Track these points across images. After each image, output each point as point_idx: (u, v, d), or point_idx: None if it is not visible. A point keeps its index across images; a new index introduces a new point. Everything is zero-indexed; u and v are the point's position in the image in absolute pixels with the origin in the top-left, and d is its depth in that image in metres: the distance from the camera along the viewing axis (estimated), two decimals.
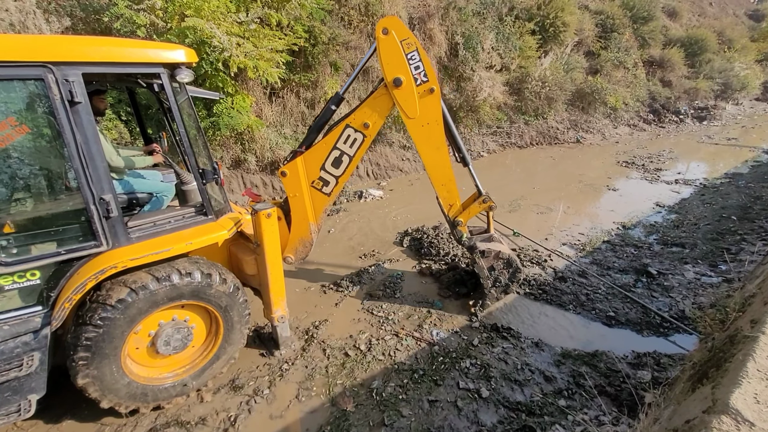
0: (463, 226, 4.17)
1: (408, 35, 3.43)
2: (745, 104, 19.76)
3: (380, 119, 3.67)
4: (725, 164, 10.75)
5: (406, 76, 3.48)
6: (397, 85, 3.49)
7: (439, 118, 3.75)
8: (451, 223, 4.21)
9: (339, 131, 3.62)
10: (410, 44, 3.43)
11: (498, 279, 4.22)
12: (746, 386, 1.67)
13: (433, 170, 3.99)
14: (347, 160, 3.66)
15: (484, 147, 11.22)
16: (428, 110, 3.66)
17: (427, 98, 3.61)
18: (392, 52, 3.42)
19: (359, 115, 3.62)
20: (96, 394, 2.64)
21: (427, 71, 3.52)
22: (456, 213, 4.16)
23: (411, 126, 3.75)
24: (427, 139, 3.80)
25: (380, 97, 3.60)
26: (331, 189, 3.72)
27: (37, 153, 2.50)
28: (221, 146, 7.07)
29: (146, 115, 5.74)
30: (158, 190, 3.42)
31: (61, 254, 2.47)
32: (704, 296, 4.48)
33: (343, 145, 3.62)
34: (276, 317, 3.49)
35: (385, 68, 3.46)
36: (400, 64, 3.46)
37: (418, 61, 3.47)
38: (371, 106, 3.62)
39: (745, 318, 2.45)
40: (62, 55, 2.23)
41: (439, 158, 3.92)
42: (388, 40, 3.39)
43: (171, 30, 5.64)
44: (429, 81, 3.55)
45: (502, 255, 4.16)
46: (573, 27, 13.10)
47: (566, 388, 3.27)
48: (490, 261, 4.16)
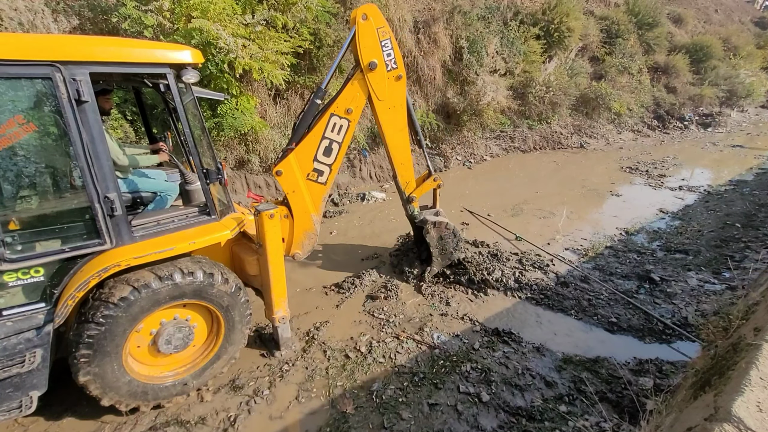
0: (416, 202, 4.78)
1: (383, 24, 3.71)
2: (750, 111, 19.66)
3: (361, 103, 3.91)
4: (730, 171, 10.69)
5: (380, 61, 3.78)
6: (371, 69, 3.77)
7: (404, 103, 4.14)
8: (405, 199, 4.75)
9: (325, 121, 3.77)
10: (385, 32, 3.73)
11: (444, 248, 4.76)
12: (749, 394, 1.66)
13: (395, 150, 4.41)
14: (337, 147, 3.84)
15: (488, 151, 11.22)
16: (395, 95, 4.03)
17: (395, 84, 3.97)
18: (369, 36, 3.70)
19: (341, 102, 3.80)
20: (97, 392, 2.66)
21: (397, 59, 3.87)
22: (411, 190, 4.71)
23: (379, 108, 4.05)
24: (392, 121, 4.19)
25: (357, 81, 3.83)
26: (326, 178, 3.88)
27: (43, 151, 2.52)
28: (225, 147, 7.10)
29: (152, 115, 5.78)
30: (162, 189, 3.44)
31: (65, 252, 2.49)
32: (707, 303, 4.45)
33: (331, 133, 3.79)
34: (277, 318, 3.49)
35: (363, 51, 3.72)
36: (375, 49, 3.74)
37: (390, 48, 3.80)
38: (350, 91, 3.83)
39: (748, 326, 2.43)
40: (70, 55, 2.26)
41: (400, 139, 4.34)
42: (366, 26, 3.65)
43: (178, 31, 5.68)
44: (398, 68, 3.91)
45: (449, 226, 4.71)
46: (578, 32, 13.10)
47: (567, 393, 3.26)
48: (440, 231, 4.69)
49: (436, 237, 4.66)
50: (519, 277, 4.93)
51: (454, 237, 4.73)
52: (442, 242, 4.71)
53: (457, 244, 4.77)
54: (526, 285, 4.80)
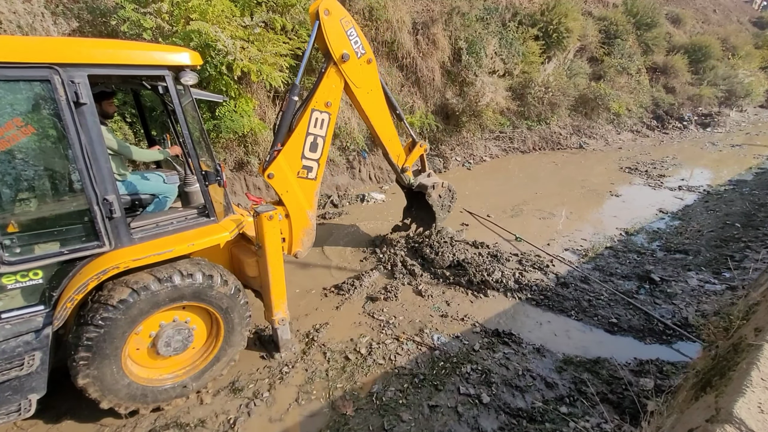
0: (409, 171, 5.16)
1: (345, 14, 3.80)
2: (749, 111, 19.67)
3: (338, 94, 4.01)
4: (729, 171, 10.70)
5: (350, 51, 3.88)
6: (345, 60, 3.87)
7: (379, 85, 4.32)
8: (399, 170, 5.11)
9: (308, 117, 3.82)
10: (348, 22, 3.82)
11: (444, 204, 5.34)
12: (750, 395, 1.66)
13: (380, 129, 4.63)
14: (321, 142, 3.92)
15: (487, 152, 11.22)
16: (369, 78, 4.17)
17: (368, 67, 4.11)
18: (335, 30, 3.78)
19: (319, 96, 3.86)
20: (96, 395, 2.65)
21: (364, 44, 4.00)
22: (403, 161, 5.06)
23: (358, 94, 4.21)
24: (372, 104, 4.38)
25: (331, 75, 3.91)
26: (315, 173, 3.95)
27: (42, 154, 2.52)
28: (224, 148, 7.09)
29: (150, 117, 5.78)
30: (161, 191, 3.44)
31: (64, 254, 2.48)
32: (708, 304, 4.45)
33: (314, 128, 3.85)
34: (277, 320, 3.49)
35: (333, 45, 3.79)
36: (343, 41, 3.84)
37: (356, 36, 3.90)
38: (326, 85, 3.89)
39: (749, 326, 2.43)
40: (68, 57, 2.25)
41: (383, 118, 4.58)
42: (331, 20, 3.72)
43: (176, 33, 5.69)
44: (366, 53, 4.03)
45: (444, 184, 5.27)
46: (576, 33, 13.10)
47: (568, 394, 3.25)
48: (438, 191, 5.22)
49: (436, 196, 5.19)
50: (519, 278, 4.92)
51: (449, 191, 5.38)
52: (441, 200, 5.29)
53: (452, 197, 5.44)
54: (526, 286, 4.79)
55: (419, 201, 5.38)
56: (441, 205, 5.33)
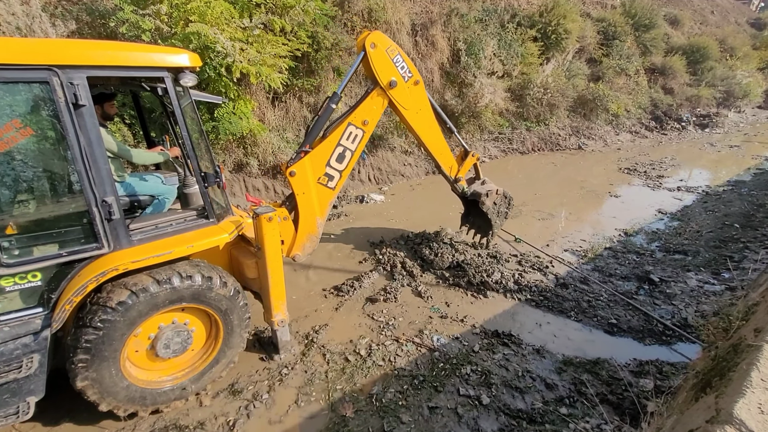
0: (463, 181, 5.23)
1: (390, 44, 4.03)
2: (747, 112, 19.73)
3: (377, 116, 4.20)
4: (728, 172, 10.72)
5: (397, 77, 4.10)
6: (392, 86, 4.08)
7: (428, 103, 4.49)
8: (452, 181, 5.17)
9: (342, 129, 3.95)
10: (393, 50, 4.05)
11: (500, 210, 5.31)
12: (750, 396, 1.66)
13: (432, 145, 4.79)
14: (349, 155, 4.01)
15: (486, 153, 11.23)
16: (418, 99, 4.38)
17: (415, 89, 4.31)
18: (382, 61, 4.01)
19: (359, 113, 4.03)
20: (95, 397, 2.64)
21: (410, 67, 4.20)
22: (455, 172, 5.13)
23: (408, 115, 4.40)
24: (422, 123, 4.55)
25: (376, 97, 4.11)
26: (335, 183, 4.01)
27: (41, 155, 2.51)
28: (224, 150, 7.09)
29: (150, 118, 5.78)
30: (160, 192, 3.43)
31: (63, 256, 2.48)
32: (707, 304, 4.45)
33: (346, 141, 3.98)
34: (276, 321, 3.48)
35: (380, 74, 4.02)
36: (390, 69, 4.06)
37: (402, 62, 4.12)
38: (368, 105, 4.09)
39: (748, 326, 2.43)
40: (67, 59, 2.25)
41: (434, 134, 4.75)
42: (377, 52, 3.96)
43: (175, 35, 5.69)
44: (413, 75, 4.24)
45: (499, 191, 5.22)
46: (575, 34, 13.14)
47: (567, 395, 3.25)
48: (493, 198, 5.18)
49: (490, 204, 5.16)
50: (518, 279, 4.92)
51: (505, 198, 5.32)
52: (496, 207, 5.26)
53: (509, 203, 5.38)
54: (526, 287, 4.79)
55: (476, 209, 5.29)
56: (497, 212, 5.29)
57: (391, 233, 6.30)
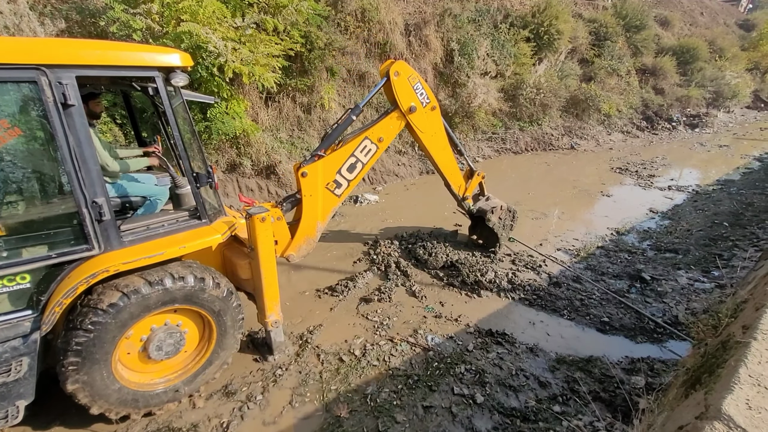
0: (470, 199, 5.52)
1: (412, 72, 4.36)
2: (736, 112, 20.02)
3: (392, 136, 4.50)
4: (717, 171, 10.87)
5: (417, 103, 4.43)
6: (412, 111, 4.41)
7: (442, 128, 4.83)
8: (460, 199, 5.46)
9: (359, 141, 4.16)
10: (414, 78, 4.38)
11: (505, 225, 5.59)
12: (738, 392, 1.68)
13: (444, 166, 5.10)
14: (360, 167, 4.20)
15: (480, 153, 11.27)
16: (433, 123, 4.71)
17: (431, 114, 4.64)
18: (404, 88, 4.35)
19: (376, 130, 4.29)
20: (86, 400, 2.61)
21: (428, 94, 4.55)
22: (463, 191, 5.43)
23: (424, 138, 4.73)
24: (436, 145, 4.87)
25: (395, 119, 4.42)
26: (342, 191, 4.15)
27: (30, 156, 2.48)
28: (217, 150, 7.05)
29: (141, 118, 5.72)
30: (152, 193, 3.40)
31: (52, 258, 2.44)
32: (697, 302, 4.51)
33: (360, 153, 4.18)
34: (270, 322, 3.46)
35: (402, 100, 4.35)
36: (410, 96, 4.39)
37: (421, 89, 4.46)
38: (387, 124, 4.38)
39: (737, 324, 2.46)
40: (56, 58, 2.22)
41: (446, 156, 5.05)
42: (400, 80, 4.30)
43: (167, 34, 5.64)
44: (431, 101, 4.59)
45: (503, 207, 5.53)
46: (567, 35, 13.25)
47: (561, 393, 3.27)
48: (498, 213, 5.46)
49: (495, 219, 5.42)
50: (512, 278, 4.95)
51: (509, 212, 5.63)
52: (501, 221, 5.54)
53: (513, 216, 5.69)
54: (519, 286, 4.82)
55: (482, 223, 5.51)
56: (502, 226, 5.54)
57: (386, 233, 6.31)
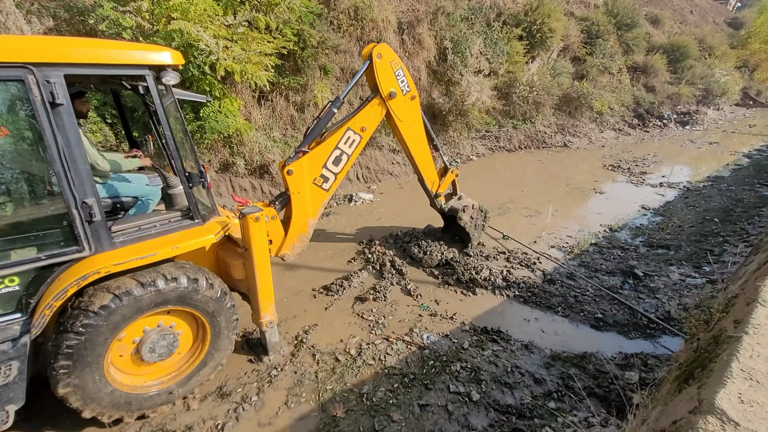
0: (442, 197, 5.42)
1: (394, 57, 4.25)
2: (725, 109, 20.28)
3: (375, 124, 4.38)
4: (707, 168, 11.00)
5: (397, 89, 4.31)
6: (392, 97, 4.30)
7: (420, 119, 4.72)
8: (433, 196, 5.34)
9: (341, 133, 4.07)
10: (396, 64, 4.27)
11: (476, 224, 5.56)
12: (731, 386, 1.70)
13: (419, 158, 4.97)
14: (345, 159, 4.12)
15: (474, 151, 11.30)
16: (412, 113, 4.60)
17: (411, 103, 4.52)
18: (386, 72, 4.22)
19: (358, 119, 4.18)
20: (77, 404, 2.57)
21: (409, 83, 4.42)
22: (437, 188, 5.32)
23: (402, 127, 4.60)
24: (413, 136, 4.76)
25: (376, 105, 4.30)
26: (330, 185, 4.08)
27: (18, 156, 2.44)
28: (209, 150, 6.98)
29: (132, 118, 5.65)
30: (143, 193, 3.35)
31: (42, 260, 2.40)
32: (689, 297, 4.56)
33: (344, 145, 4.09)
34: (265, 322, 3.44)
35: (382, 84, 4.22)
36: (391, 81, 4.28)
37: (402, 76, 4.34)
38: (368, 112, 4.26)
39: (728, 318, 2.49)
40: (43, 56, 2.18)
41: (422, 149, 4.94)
42: (382, 63, 4.18)
43: (157, 32, 5.57)
44: (411, 90, 4.46)
45: (475, 206, 5.51)
46: (559, 33, 13.31)
47: (556, 390, 3.29)
48: (470, 213, 5.44)
49: (467, 218, 5.38)
50: (507, 276, 4.97)
51: (481, 212, 5.62)
52: (473, 221, 5.50)
53: (485, 216, 5.68)
54: (514, 283, 4.84)
55: (454, 223, 5.46)
56: (474, 226, 5.51)
57: (380, 232, 6.29)
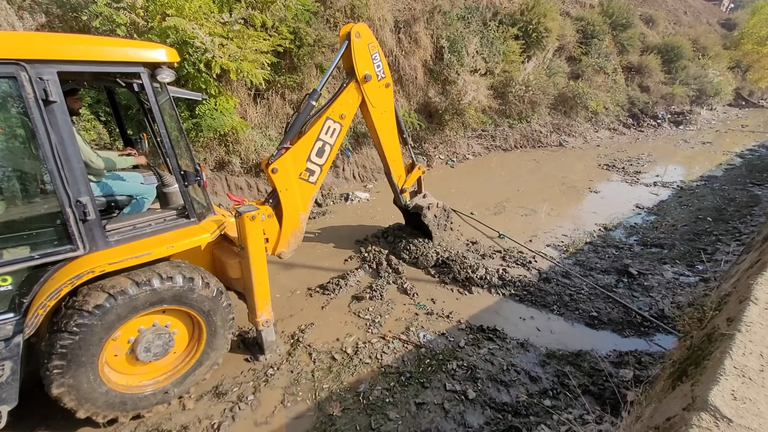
0: (407, 193, 5.36)
1: (372, 39, 4.11)
2: (719, 109, 20.47)
3: (353, 110, 4.25)
4: (701, 167, 11.10)
5: (372, 73, 4.18)
6: (366, 80, 4.16)
7: (392, 108, 4.61)
8: (398, 191, 5.27)
9: (321, 124, 3.96)
10: (374, 47, 4.13)
11: (440, 223, 5.56)
12: (724, 383, 1.71)
13: (388, 149, 4.87)
14: (329, 149, 4.04)
15: (470, 150, 11.32)
16: (385, 100, 4.47)
17: (385, 90, 4.40)
18: (363, 53, 4.08)
19: (336, 107, 4.06)
20: (72, 404, 2.55)
21: (385, 69, 4.29)
22: (403, 182, 5.25)
23: (374, 114, 4.46)
24: (384, 125, 4.64)
25: (352, 90, 4.16)
26: (316, 178, 4.02)
27: (10, 154, 2.41)
28: (205, 148, 6.94)
29: (126, 115, 5.60)
30: (138, 192, 3.33)
31: (35, 259, 2.38)
32: (683, 295, 4.60)
33: (325, 135, 4.00)
34: (261, 321, 3.43)
35: (358, 66, 4.07)
36: (368, 63, 4.13)
37: (379, 60, 4.20)
38: (344, 98, 4.13)
39: (721, 316, 2.52)
40: (36, 53, 2.15)
41: (392, 140, 4.83)
42: (360, 43, 4.02)
43: (152, 29, 5.52)
44: (386, 77, 4.33)
45: (439, 205, 5.48)
46: (555, 33, 13.35)
47: (551, 388, 3.31)
48: (434, 211, 5.43)
49: (431, 216, 5.37)
50: (503, 275, 4.99)
51: (444, 211, 5.63)
52: (437, 219, 5.48)
53: (447, 216, 5.70)
54: (510, 282, 4.86)
55: (417, 221, 5.48)
56: (437, 225, 5.50)
57: (377, 231, 6.29)
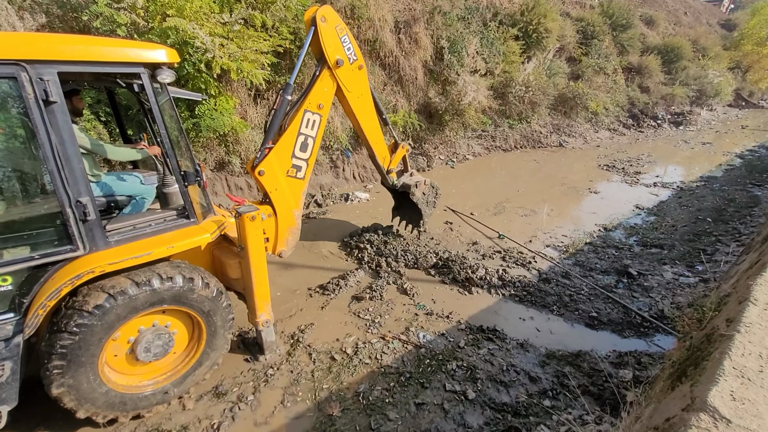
0: (393, 173, 5.33)
1: (339, 21, 3.95)
2: (718, 110, 20.48)
3: (330, 98, 4.14)
4: (700, 168, 11.10)
5: (344, 57, 4.03)
6: (339, 65, 4.02)
7: (368, 90, 4.48)
8: (384, 172, 5.23)
9: (300, 118, 3.87)
10: (342, 29, 3.96)
11: (428, 200, 5.58)
12: (723, 384, 1.72)
13: (369, 132, 4.78)
14: (312, 142, 3.98)
15: (470, 150, 11.33)
16: (360, 84, 4.33)
17: (358, 73, 4.25)
18: (331, 37, 3.92)
19: (312, 98, 3.95)
20: (72, 404, 2.55)
21: (356, 51, 4.14)
22: (388, 163, 5.20)
23: (350, 98, 4.34)
24: (362, 108, 4.53)
25: (326, 78, 4.02)
26: (303, 173, 3.99)
27: (10, 154, 2.41)
28: (205, 148, 6.94)
29: (126, 116, 5.60)
30: (138, 192, 3.34)
31: (35, 259, 2.38)
32: (682, 296, 4.60)
33: (306, 129, 3.92)
34: (261, 322, 3.43)
35: (328, 51, 3.92)
36: (337, 47, 3.98)
37: (348, 43, 4.05)
38: (319, 88, 4.00)
39: (721, 317, 2.52)
40: (37, 53, 2.16)
41: (371, 122, 4.73)
42: (327, 27, 3.86)
43: (152, 30, 5.52)
44: (358, 59, 4.19)
45: (427, 182, 5.49)
46: (555, 33, 13.36)
47: (551, 388, 3.31)
48: (422, 189, 5.45)
49: (420, 194, 5.41)
50: (502, 275, 4.99)
51: (433, 188, 5.62)
52: (425, 197, 5.51)
53: (436, 193, 5.68)
54: (510, 282, 4.86)
55: (405, 200, 5.52)
56: (426, 202, 5.53)
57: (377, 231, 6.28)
